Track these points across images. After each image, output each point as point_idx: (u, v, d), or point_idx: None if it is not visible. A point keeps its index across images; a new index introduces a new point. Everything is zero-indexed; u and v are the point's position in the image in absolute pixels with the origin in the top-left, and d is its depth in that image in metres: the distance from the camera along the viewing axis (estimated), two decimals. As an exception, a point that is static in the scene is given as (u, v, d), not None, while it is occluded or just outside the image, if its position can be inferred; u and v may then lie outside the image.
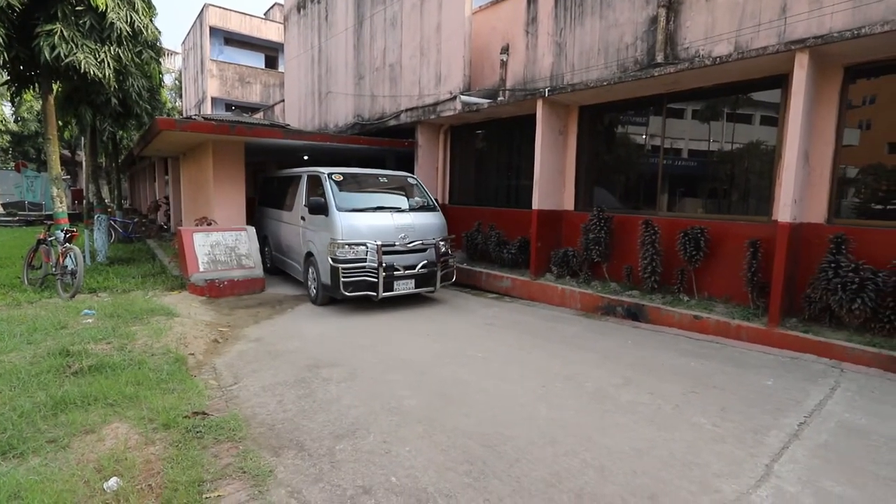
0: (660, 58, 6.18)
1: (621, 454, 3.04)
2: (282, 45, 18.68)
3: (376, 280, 6.40)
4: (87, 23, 7.02)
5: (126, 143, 15.02)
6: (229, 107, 23.89)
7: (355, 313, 6.52)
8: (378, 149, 10.45)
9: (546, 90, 7.29)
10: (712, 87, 6.14)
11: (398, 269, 6.61)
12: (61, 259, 6.88)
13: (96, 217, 10.15)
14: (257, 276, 7.77)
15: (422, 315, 6.51)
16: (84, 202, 12.77)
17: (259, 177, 11.42)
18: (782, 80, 5.54)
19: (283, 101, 16.52)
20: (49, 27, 6.70)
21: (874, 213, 5.22)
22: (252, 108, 23.22)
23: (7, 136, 30.14)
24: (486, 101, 8.35)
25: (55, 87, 8.19)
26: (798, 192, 5.16)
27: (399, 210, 7.08)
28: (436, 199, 8.02)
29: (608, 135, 7.84)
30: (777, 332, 5.10)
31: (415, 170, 9.88)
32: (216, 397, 3.77)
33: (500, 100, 8.19)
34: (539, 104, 7.40)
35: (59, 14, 6.77)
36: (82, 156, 20.07)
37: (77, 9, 6.94)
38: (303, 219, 7.43)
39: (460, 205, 9.96)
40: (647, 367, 4.60)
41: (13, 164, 25.88)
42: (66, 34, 6.78)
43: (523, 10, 8.09)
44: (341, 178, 7.03)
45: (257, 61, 25.51)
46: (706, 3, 5.87)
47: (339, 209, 6.56)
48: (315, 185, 7.23)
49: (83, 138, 13.32)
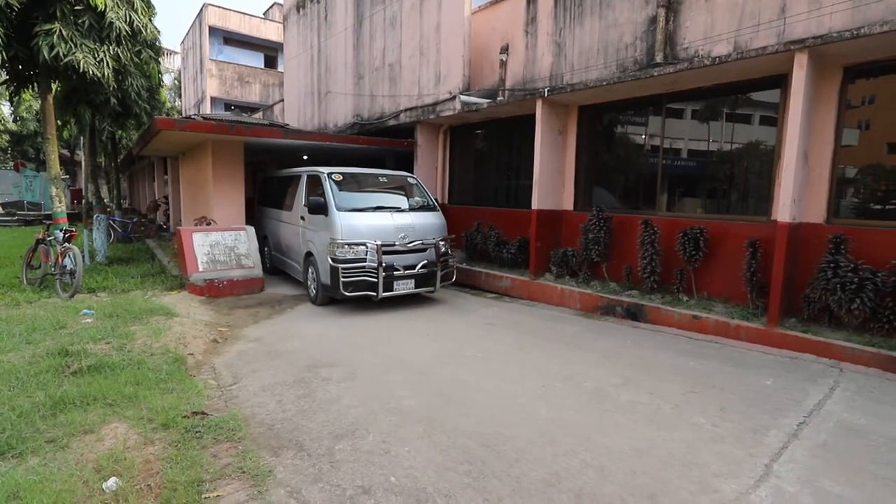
0: (659, 58, 6.18)
1: (621, 454, 3.04)
2: (281, 45, 18.67)
3: (376, 280, 6.40)
4: (86, 22, 7.01)
5: (125, 142, 15.00)
6: (228, 106, 23.84)
7: (355, 313, 6.52)
8: (377, 148, 10.45)
9: (545, 90, 7.29)
10: (712, 87, 6.15)
11: (398, 269, 6.60)
12: (60, 259, 6.87)
13: (95, 217, 10.13)
14: (257, 276, 7.77)
15: (421, 315, 6.51)
16: (83, 202, 12.77)
17: (258, 176, 11.39)
18: (781, 81, 5.55)
19: (283, 100, 16.50)
20: (48, 26, 6.69)
21: (873, 213, 5.23)
22: (251, 108, 23.19)
23: (6, 136, 30.12)
24: (485, 101, 8.35)
25: (54, 87, 8.18)
26: (797, 192, 5.16)
27: (399, 210, 7.07)
28: (435, 199, 8.02)
29: (607, 135, 7.84)
30: (776, 331, 5.11)
31: (414, 170, 9.87)
32: (215, 397, 3.77)
33: (499, 100, 8.19)
34: (538, 104, 7.40)
35: (58, 13, 6.76)
36: (81, 155, 20.09)
37: (76, 8, 6.93)
38: (302, 219, 7.43)
39: (460, 205, 9.95)
40: (646, 366, 4.61)
41: (12, 163, 25.85)
42: (64, 33, 6.78)
43: (523, 9, 8.08)
44: (341, 178, 7.03)
45: (256, 61, 25.49)
46: (705, 3, 5.87)
47: (339, 209, 6.56)
48: (315, 184, 7.22)
49: (82, 138, 13.33)
